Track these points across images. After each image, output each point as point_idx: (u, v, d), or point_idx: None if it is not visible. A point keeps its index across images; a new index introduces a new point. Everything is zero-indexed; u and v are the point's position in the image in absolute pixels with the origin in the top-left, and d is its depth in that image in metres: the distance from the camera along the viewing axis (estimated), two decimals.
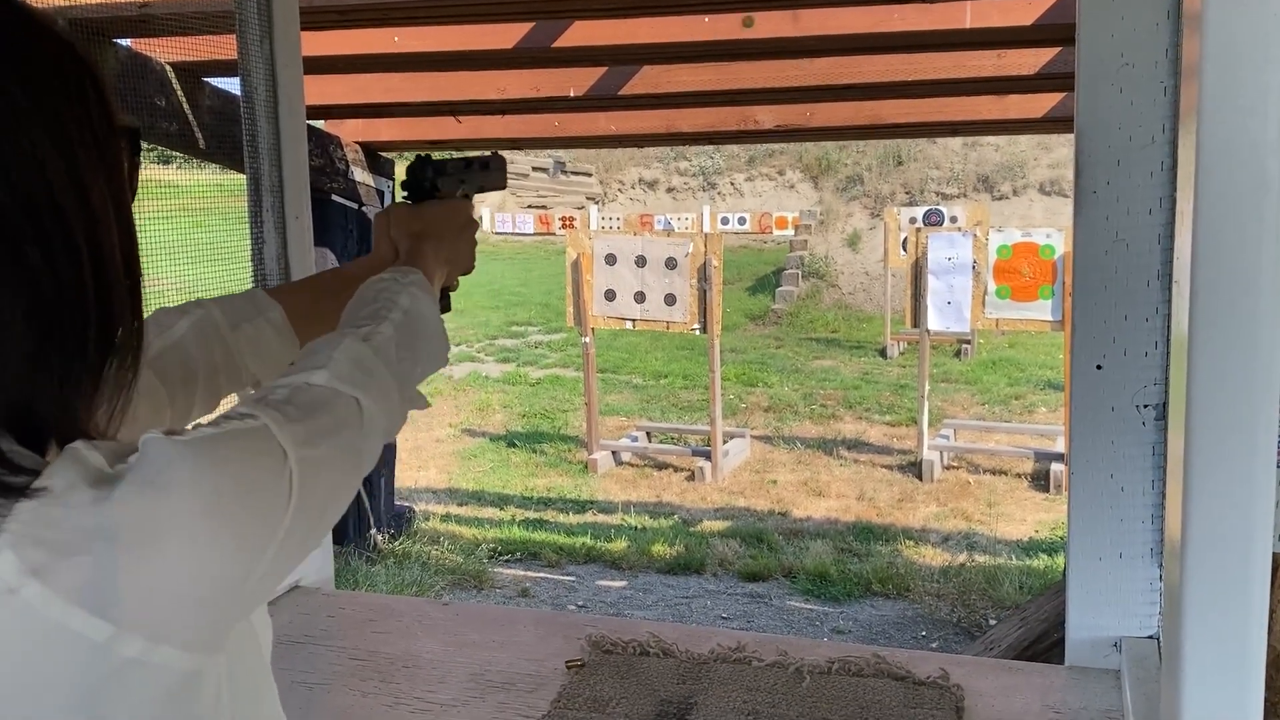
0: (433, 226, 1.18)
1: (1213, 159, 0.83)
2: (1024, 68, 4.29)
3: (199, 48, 3.81)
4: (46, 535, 0.59)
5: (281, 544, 0.68)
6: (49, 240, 0.64)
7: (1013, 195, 16.46)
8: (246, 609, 0.70)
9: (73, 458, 0.62)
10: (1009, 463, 7.82)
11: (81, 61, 0.70)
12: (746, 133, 5.65)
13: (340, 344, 0.85)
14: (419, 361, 0.97)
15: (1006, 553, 6.11)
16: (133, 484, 0.61)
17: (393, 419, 0.88)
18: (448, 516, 6.94)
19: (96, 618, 0.59)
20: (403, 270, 1.05)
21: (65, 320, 0.66)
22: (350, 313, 0.97)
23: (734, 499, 7.26)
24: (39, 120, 0.65)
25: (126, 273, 0.71)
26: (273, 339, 1.10)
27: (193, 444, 0.65)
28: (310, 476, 0.70)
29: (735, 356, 12.27)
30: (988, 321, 7.66)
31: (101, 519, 0.60)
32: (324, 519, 0.74)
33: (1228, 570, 0.86)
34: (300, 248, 2.05)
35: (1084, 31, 1.50)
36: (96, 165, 0.69)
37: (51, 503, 0.60)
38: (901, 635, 5.09)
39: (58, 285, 0.65)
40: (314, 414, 0.75)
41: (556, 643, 1.77)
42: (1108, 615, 1.59)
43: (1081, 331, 1.55)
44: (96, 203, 0.68)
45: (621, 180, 20.28)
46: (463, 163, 1.28)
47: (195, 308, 1.07)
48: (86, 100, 0.70)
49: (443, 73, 4.87)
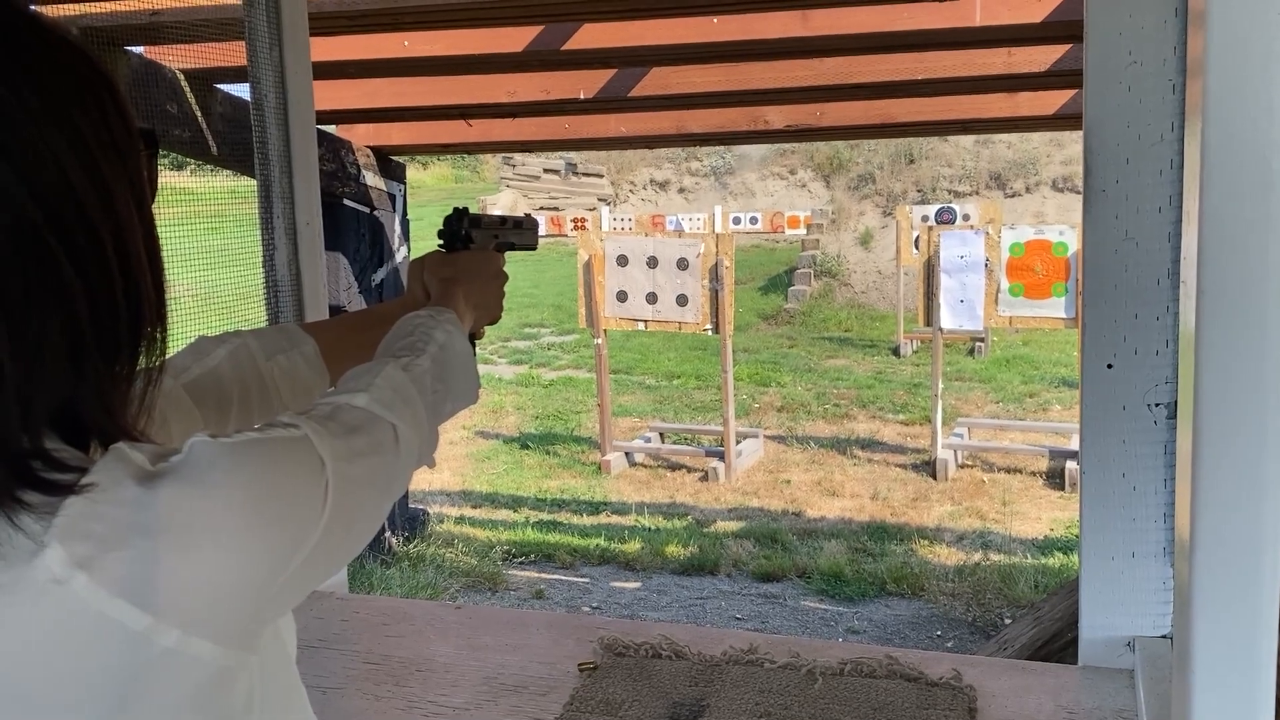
0: (464, 273, 1.24)
1: (1218, 157, 0.82)
2: (1034, 65, 4.28)
3: (210, 54, 3.84)
4: (93, 529, 0.62)
5: (311, 552, 0.70)
6: (77, 245, 0.66)
7: (1025, 192, 16.39)
8: (277, 610, 0.73)
9: (118, 456, 0.65)
10: (1024, 460, 7.80)
11: (97, 69, 0.72)
12: (757, 133, 5.65)
13: (382, 371, 0.89)
14: (450, 395, 1.02)
15: (1022, 551, 6.09)
16: (176, 481, 0.64)
17: (424, 448, 0.91)
18: (462, 519, 6.95)
19: (137, 608, 0.62)
20: (438, 309, 1.11)
21: (98, 321, 0.68)
22: (388, 343, 1.02)
23: (748, 499, 7.25)
24: (60, 130, 0.67)
25: (151, 271, 0.74)
26: (305, 371, 1.15)
27: (236, 446, 0.68)
28: (344, 491, 0.73)
29: (748, 356, 12.25)
30: (1001, 319, 7.63)
31: (145, 514, 0.63)
32: (353, 535, 0.76)
33: (1237, 569, 0.85)
34: (311, 253, 2.06)
35: (1092, 30, 1.49)
36: (118, 170, 0.71)
37: (98, 498, 0.62)
38: (917, 635, 5.08)
39: (88, 287, 0.67)
40: (353, 433, 0.78)
41: (569, 645, 1.78)
42: (1121, 615, 1.59)
43: (1092, 330, 1.55)
44: (120, 206, 0.70)
45: (633, 181, 20.27)
46: (498, 219, 1.35)
47: (233, 337, 1.11)
48: (104, 107, 0.71)
49: (453, 76, 4.88)
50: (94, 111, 0.70)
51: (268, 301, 2.03)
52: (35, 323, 0.65)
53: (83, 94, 0.70)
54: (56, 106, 0.67)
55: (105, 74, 0.73)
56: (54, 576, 0.61)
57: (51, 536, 0.61)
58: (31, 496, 0.62)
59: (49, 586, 0.61)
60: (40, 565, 0.61)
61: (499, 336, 13.80)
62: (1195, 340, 0.83)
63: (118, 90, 0.73)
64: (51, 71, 0.68)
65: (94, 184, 0.68)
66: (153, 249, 0.75)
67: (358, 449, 0.77)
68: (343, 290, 5.83)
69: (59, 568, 0.61)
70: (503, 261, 1.33)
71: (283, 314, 2.02)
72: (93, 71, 0.72)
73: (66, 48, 0.71)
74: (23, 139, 0.65)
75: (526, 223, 1.41)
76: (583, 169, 20.38)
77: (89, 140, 0.68)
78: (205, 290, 3.01)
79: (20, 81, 0.66)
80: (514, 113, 5.38)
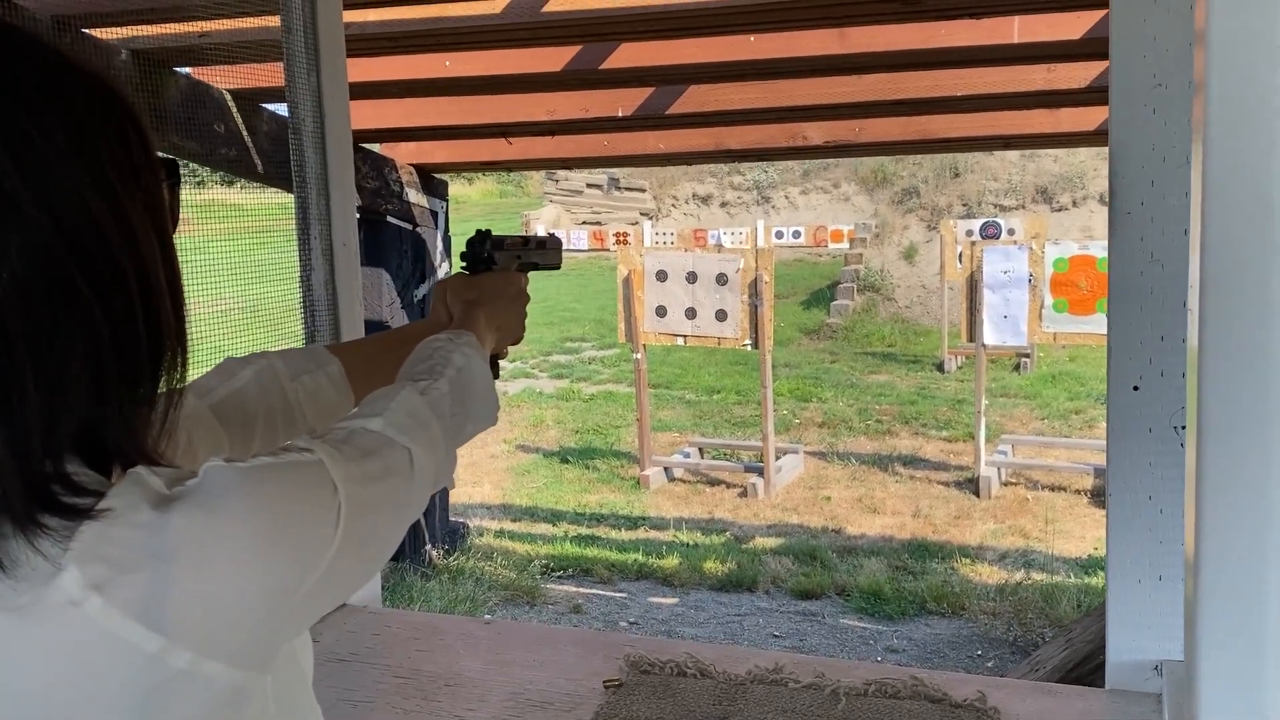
0: (486, 295, 1.26)
1: (1218, 177, 0.82)
2: (1075, 81, 4.25)
3: (257, 75, 3.92)
4: (108, 552, 0.63)
5: (324, 575, 0.72)
6: (99, 275, 0.69)
7: (1072, 206, 16.21)
8: (289, 633, 0.74)
9: (135, 480, 0.67)
10: (1068, 478, 7.71)
11: (119, 99, 0.74)
12: (795, 149, 5.65)
13: (399, 395, 0.91)
14: (469, 418, 1.04)
15: (1065, 570, 6.02)
16: (190, 505, 0.66)
17: (440, 471, 0.92)
18: (501, 532, 6.99)
19: (150, 630, 0.63)
20: (457, 332, 1.13)
21: (120, 347, 0.70)
22: (407, 368, 1.04)
23: (787, 515, 7.23)
24: (85, 165, 0.69)
25: (172, 297, 0.75)
26: (330, 392, 1.16)
27: (249, 471, 0.70)
28: (357, 514, 0.74)
29: (789, 371, 12.22)
30: (1045, 335, 7.56)
31: (159, 538, 0.64)
32: (366, 557, 0.78)
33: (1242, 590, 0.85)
34: (347, 273, 2.10)
35: (1116, 52, 1.50)
36: (138, 199, 0.73)
37: (114, 522, 0.64)
38: (956, 654, 5.04)
39: (110, 316, 0.69)
40: (367, 457, 0.80)
41: (595, 662, 1.79)
42: (1148, 638, 1.58)
43: (1118, 353, 1.55)
44: (141, 235, 0.72)
45: (675, 195, 20.32)
46: (521, 240, 1.37)
47: (259, 358, 1.13)
48: (128, 139, 0.74)
49: (493, 96, 4.94)
50: (118, 145, 0.72)
51: (305, 320, 2.07)
52: (59, 350, 0.66)
53: (108, 128, 0.72)
54: (83, 143, 0.69)
55: (130, 105, 0.75)
56: (70, 599, 0.62)
57: (69, 559, 0.63)
58: (51, 520, 0.64)
59: (65, 609, 0.62)
60: (57, 587, 0.62)
61: (540, 351, 13.87)
62: (1198, 363, 0.83)
63: (141, 121, 0.75)
64: (79, 108, 0.70)
65: (116, 216, 0.70)
66: (173, 276, 0.76)
67: (371, 473, 0.78)
68: (385, 306, 5.90)
69: (75, 590, 0.62)
70: (525, 282, 1.35)
71: (319, 333, 2.06)
72: (118, 105, 0.74)
73: (94, 83, 0.73)
74: (50, 176, 0.67)
75: (550, 242, 1.43)
76: (625, 184, 20.46)
77: (112, 173, 0.71)
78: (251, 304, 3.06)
79: (49, 120, 0.68)
80: (553, 131, 5.43)
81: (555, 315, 16.05)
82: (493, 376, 1.24)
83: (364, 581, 0.81)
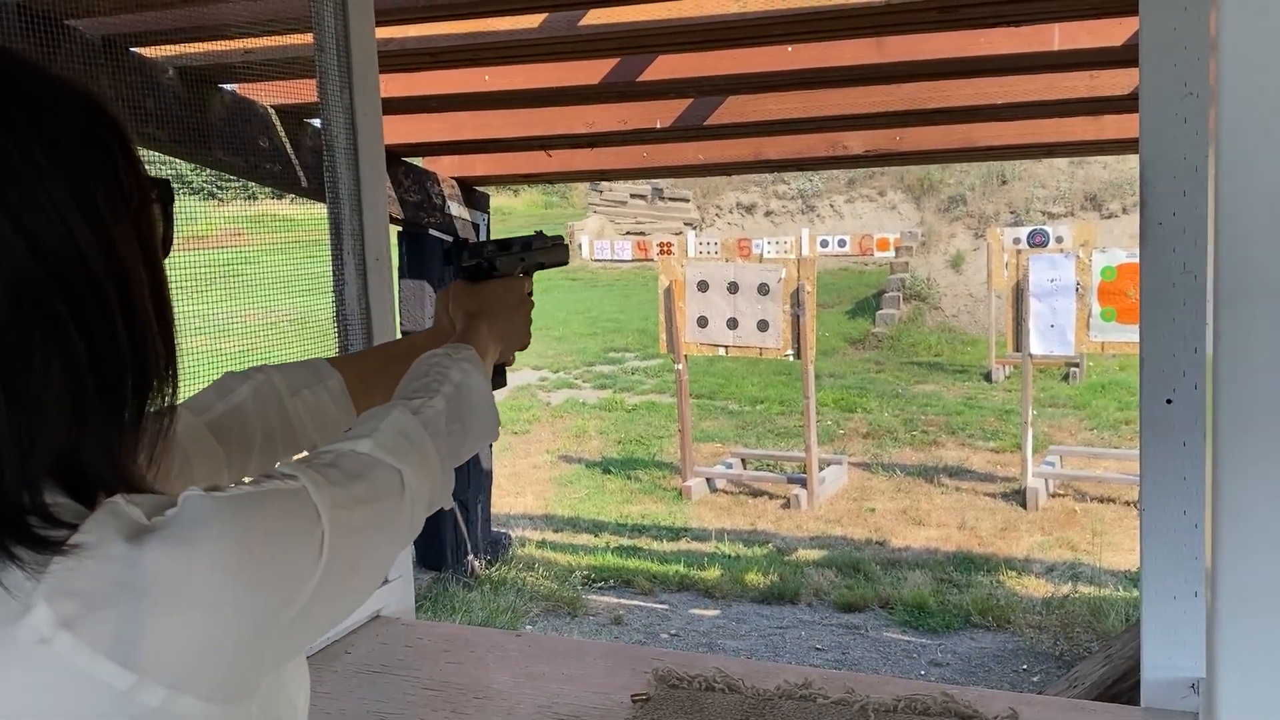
0: (487, 305, 1.24)
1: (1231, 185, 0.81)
2: (1118, 88, 4.20)
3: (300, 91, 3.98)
4: (79, 587, 0.61)
5: (308, 603, 0.69)
6: (80, 298, 0.66)
7: (1122, 214, 15.97)
8: (270, 665, 0.71)
9: (111, 511, 0.64)
10: (1117, 490, 7.58)
11: (106, 117, 0.72)
12: (835, 158, 5.63)
13: (389, 415, 0.89)
14: (468, 435, 1.01)
15: (1113, 583, 5.92)
16: (164, 539, 0.63)
17: (436, 491, 0.90)
18: (543, 543, 7.01)
19: (121, 667, 0.61)
20: (456, 346, 1.10)
21: (103, 373, 0.67)
22: (404, 386, 1.02)
23: (830, 527, 7.18)
24: (66, 185, 0.66)
25: (159, 322, 0.73)
26: (330, 407, 1.15)
27: (228, 501, 0.67)
28: (342, 540, 0.72)
29: (833, 381, 12.14)
30: (1092, 345, 7.45)
31: (131, 572, 0.62)
32: (357, 581, 0.76)
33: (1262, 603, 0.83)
34: (380, 287, 2.12)
35: (1146, 61, 1.48)
36: (125, 221, 0.70)
37: (86, 555, 0.62)
38: (1001, 669, 4.97)
39: (90, 340, 0.66)
40: (354, 480, 0.77)
41: (624, 676, 1.79)
42: (1184, 656, 1.55)
43: (1150, 365, 1.52)
44: (125, 257, 0.69)
45: (719, 205, 20.31)
46: (523, 241, 1.35)
47: (257, 373, 1.11)
48: (113, 159, 0.71)
49: (533, 109, 4.98)
50: (102, 164, 0.70)
51: (338, 335, 2.10)
52: (35, 375, 0.64)
53: (91, 147, 0.69)
54: (63, 161, 0.67)
55: (118, 125, 0.72)
56: (40, 636, 0.60)
57: (39, 595, 0.61)
58: (24, 553, 0.61)
59: (34, 647, 0.60)
60: (27, 625, 0.60)
61: (584, 361, 13.92)
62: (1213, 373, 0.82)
63: (129, 141, 0.73)
64: (60, 126, 0.68)
65: (98, 238, 0.67)
66: (160, 299, 0.73)
67: (358, 496, 0.76)
68: (428, 317, 5.96)
69: (45, 627, 0.60)
70: (529, 288, 1.33)
71: (352, 347, 2.08)
72: (104, 123, 0.71)
73: (77, 100, 0.70)
74: (26, 195, 0.64)
75: (554, 240, 1.41)
76: (669, 194, 20.49)
77: (95, 194, 0.68)
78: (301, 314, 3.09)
79: (27, 136, 0.65)
80: (593, 143, 5.45)
81: (599, 326, 16.10)
82: (499, 385, 1.22)
83: (357, 604, 0.78)
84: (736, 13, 3.45)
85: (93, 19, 3.34)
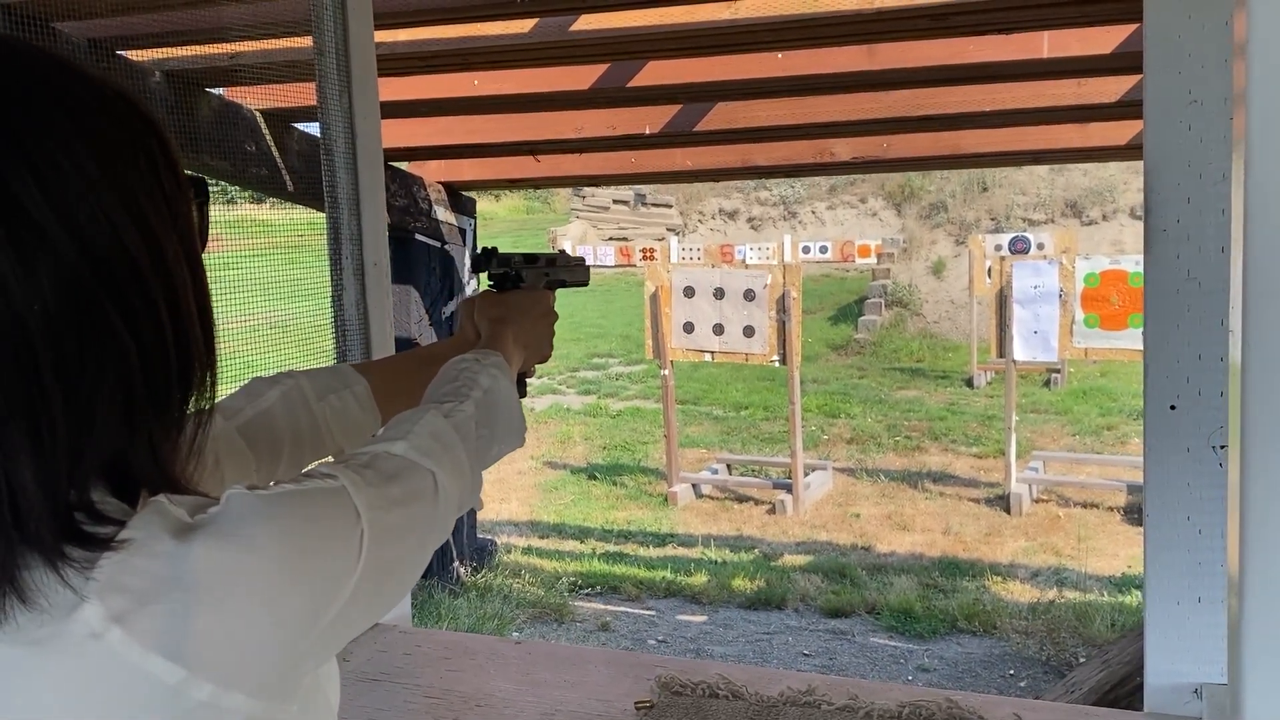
0: (513, 313, 1.25)
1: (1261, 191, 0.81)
2: (1105, 95, 4.23)
3: (287, 95, 3.96)
4: (129, 583, 0.62)
5: (348, 602, 0.70)
6: (129, 303, 0.67)
7: (1102, 220, 16.09)
8: (313, 661, 0.72)
9: (156, 509, 0.65)
10: (1101, 495, 7.63)
11: (147, 122, 0.73)
12: (823, 165, 5.64)
13: (422, 418, 0.90)
14: (495, 440, 1.02)
15: (1098, 588, 5.95)
16: (211, 535, 0.65)
17: (466, 494, 0.91)
18: (529, 549, 6.99)
19: (170, 662, 0.62)
20: (484, 352, 1.11)
21: (150, 374, 0.69)
22: (433, 389, 1.03)
23: (816, 533, 7.19)
24: (112, 188, 0.67)
25: (201, 322, 0.74)
26: (357, 411, 1.15)
27: (272, 499, 0.68)
28: (380, 540, 0.73)
29: (817, 387, 12.17)
30: (1076, 351, 7.49)
31: (179, 568, 0.63)
32: (391, 583, 0.76)
33: None
34: (378, 292, 2.11)
35: (1151, 69, 1.48)
36: (167, 222, 0.71)
37: (135, 552, 0.63)
38: (988, 674, 4.98)
39: (140, 343, 0.68)
40: (391, 482, 0.78)
41: (626, 683, 1.78)
42: (1187, 661, 1.55)
43: (1154, 372, 1.53)
44: (170, 259, 0.70)
45: (702, 211, 20.32)
46: (548, 258, 1.37)
47: (286, 378, 1.12)
48: (155, 162, 0.72)
49: (522, 114, 4.97)
50: (146, 168, 0.71)
51: (336, 339, 2.08)
52: (89, 380, 0.65)
53: (136, 152, 0.70)
54: (114, 170, 0.68)
55: (160, 129, 0.73)
56: (91, 631, 0.61)
57: (90, 591, 0.62)
58: (74, 550, 0.63)
59: (86, 641, 0.61)
60: (79, 620, 0.61)
61: (567, 367, 13.90)
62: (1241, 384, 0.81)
63: (168, 141, 0.74)
64: (108, 134, 0.69)
65: (146, 241, 0.69)
66: (202, 298, 0.75)
67: (395, 497, 0.77)
68: (414, 323, 5.93)
69: (96, 622, 0.61)
70: (552, 300, 1.34)
71: (350, 351, 2.07)
72: (145, 126, 0.72)
73: (121, 105, 0.71)
74: (79, 206, 0.65)
75: (576, 260, 1.43)
76: (652, 200, 20.50)
77: (143, 199, 0.69)
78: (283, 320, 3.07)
79: (80, 149, 0.66)
80: (581, 148, 5.45)
81: (582, 331, 16.08)
82: (520, 395, 1.23)
83: (390, 607, 0.80)
84: (728, 19, 3.45)
85: (80, 21, 3.31)
